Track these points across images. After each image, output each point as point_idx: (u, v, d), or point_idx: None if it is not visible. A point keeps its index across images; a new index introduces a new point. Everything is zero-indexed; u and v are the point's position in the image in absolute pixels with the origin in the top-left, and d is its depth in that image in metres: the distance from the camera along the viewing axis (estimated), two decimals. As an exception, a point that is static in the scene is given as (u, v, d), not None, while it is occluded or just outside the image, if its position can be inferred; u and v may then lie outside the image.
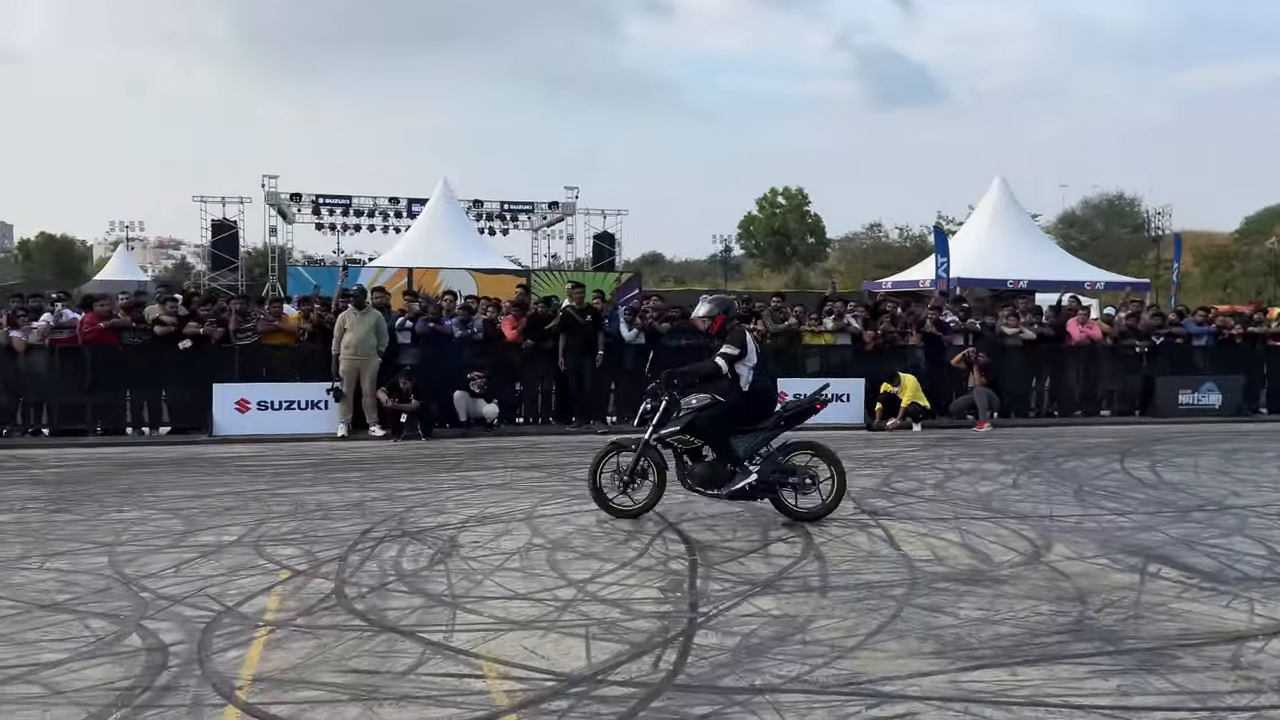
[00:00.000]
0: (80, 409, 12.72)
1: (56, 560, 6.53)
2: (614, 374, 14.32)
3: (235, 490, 9.11)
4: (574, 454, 11.47)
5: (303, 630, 5.14)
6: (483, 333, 13.94)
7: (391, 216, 43.81)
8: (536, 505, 8.44)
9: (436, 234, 31.50)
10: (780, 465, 7.78)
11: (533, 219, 47.27)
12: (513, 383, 14.19)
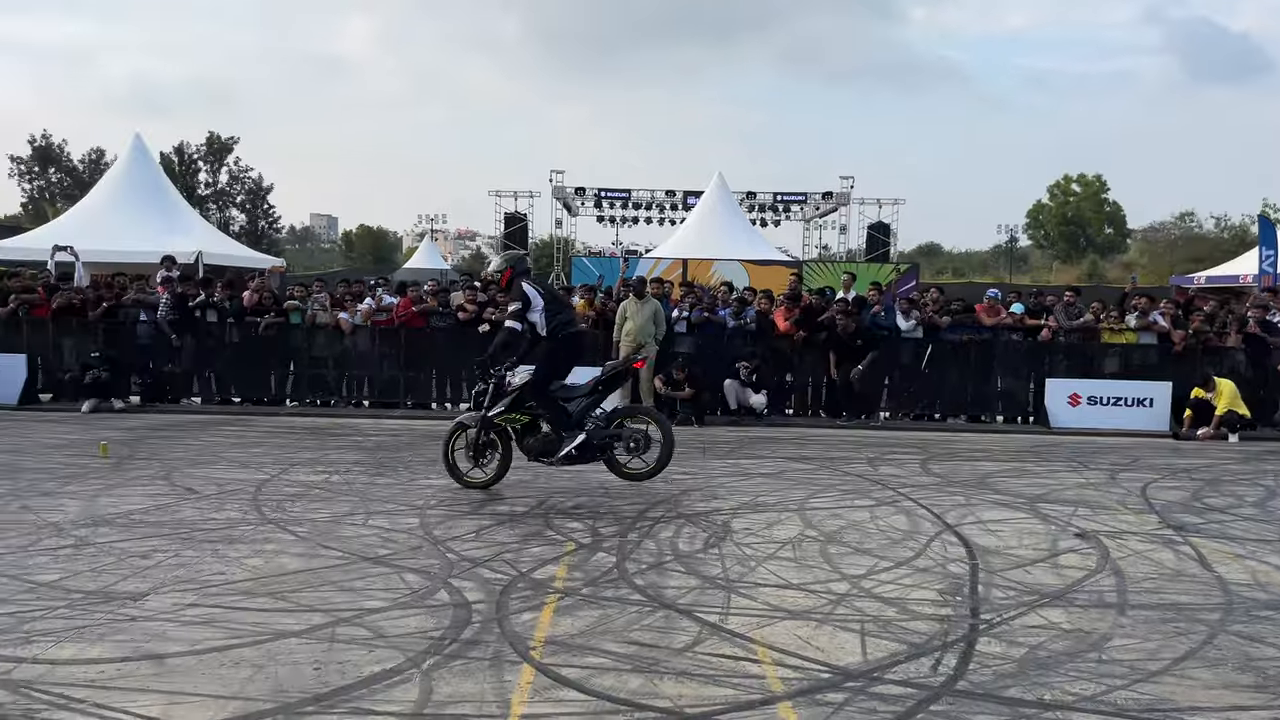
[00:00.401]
0: (395, 384, 14.11)
1: (377, 519, 7.31)
2: (889, 367, 13.96)
3: (525, 464, 9.73)
4: (844, 448, 11.32)
5: (588, 600, 5.44)
6: (755, 323, 14.04)
7: (668, 209, 45.03)
8: (808, 497, 8.42)
9: (710, 226, 32.04)
10: (611, 429, 8.14)
11: (805, 209, 46.92)
12: (783, 373, 14.20)
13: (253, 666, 4.37)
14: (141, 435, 11.16)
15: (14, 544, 6.34)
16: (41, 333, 14.00)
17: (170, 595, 5.34)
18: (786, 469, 9.86)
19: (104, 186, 25.17)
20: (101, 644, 4.60)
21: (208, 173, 72.74)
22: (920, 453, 11.08)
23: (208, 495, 8.01)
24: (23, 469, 8.94)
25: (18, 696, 4.00)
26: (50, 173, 69.93)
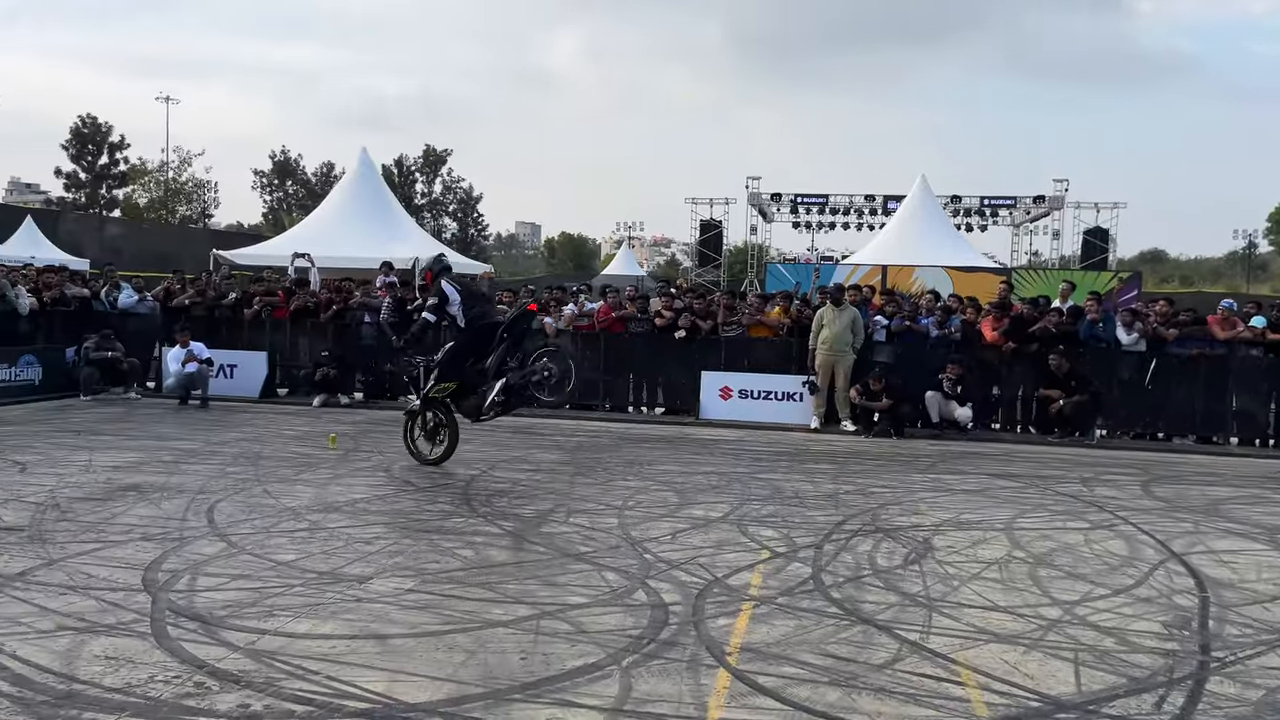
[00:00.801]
0: (594, 386, 14.53)
1: (578, 517, 7.56)
2: (1107, 382, 13.11)
3: (719, 471, 9.82)
4: (1056, 467, 10.73)
5: (784, 609, 5.43)
6: (960, 333, 13.53)
7: (866, 214, 44.09)
8: (1016, 517, 8.04)
9: (912, 231, 31.13)
10: (524, 370, 9.16)
11: (1014, 214, 44.79)
12: (989, 386, 13.61)
13: (465, 652, 4.63)
14: (364, 429, 12.01)
15: (257, 525, 6.98)
16: (280, 332, 15.33)
17: (392, 580, 5.73)
18: (991, 486, 9.46)
19: (334, 198, 27.23)
20: (333, 621, 4.99)
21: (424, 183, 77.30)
22: (1141, 474, 10.35)
23: (423, 488, 8.52)
24: (263, 457, 9.81)
25: (261, 665, 4.40)
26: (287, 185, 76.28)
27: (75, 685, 4.12)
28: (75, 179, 62.39)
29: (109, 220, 55.19)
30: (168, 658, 4.45)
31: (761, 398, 13.65)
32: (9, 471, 8.62)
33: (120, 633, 4.74)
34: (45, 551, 6.10)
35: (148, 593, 5.35)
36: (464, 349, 9.22)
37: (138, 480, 8.40)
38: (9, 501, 7.43)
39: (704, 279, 43.74)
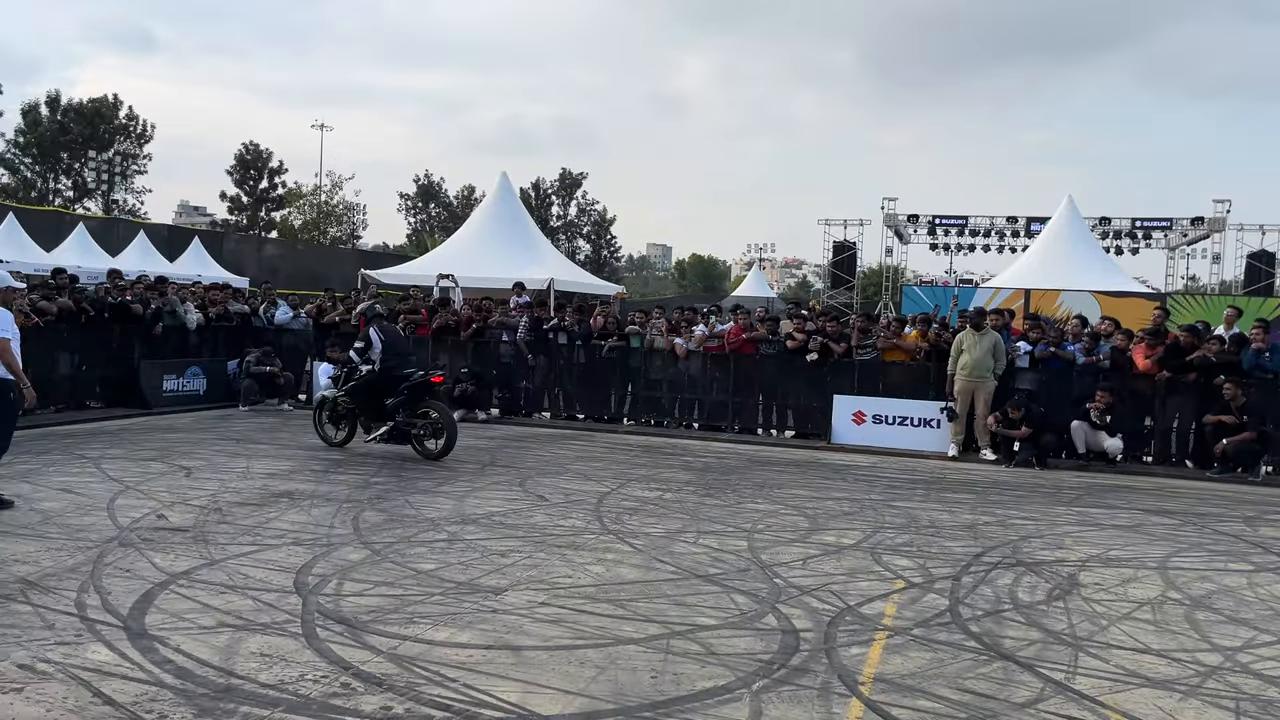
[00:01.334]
0: (724, 408, 14.51)
1: (707, 538, 7.55)
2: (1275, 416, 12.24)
3: (851, 497, 9.65)
4: (1215, 504, 10.10)
5: (919, 641, 5.28)
6: (1110, 360, 12.92)
7: (1008, 236, 42.67)
8: (1171, 555, 7.61)
9: (1057, 253, 29.89)
10: (413, 421, 10.93)
11: (1170, 237, 42.54)
12: (1142, 417, 12.92)
13: (596, 667, 4.68)
14: (500, 444, 12.32)
15: (399, 535, 7.25)
16: (422, 349, 15.88)
17: (525, 593, 5.86)
18: (1144, 522, 8.97)
19: (474, 220, 28.11)
20: (469, 631, 5.14)
21: (559, 206, 78.98)
22: (1313, 515, 9.63)
23: (556, 503, 8.69)
24: (405, 469, 10.19)
25: (402, 670, 4.56)
26: (430, 207, 79.24)
27: (233, 680, 4.36)
28: (238, 202, 66.45)
29: (267, 241, 58.53)
30: (317, 658, 4.66)
31: (896, 423, 13.34)
32: (176, 476, 9.22)
33: (274, 632, 5.00)
34: (207, 552, 6.50)
35: (299, 595, 5.63)
36: (370, 387, 11.06)
37: (290, 487, 8.85)
38: (175, 504, 7.95)
39: (836, 301, 43.15)
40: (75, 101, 58.14)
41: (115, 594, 5.50)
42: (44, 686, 4.20)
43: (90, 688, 4.20)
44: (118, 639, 4.80)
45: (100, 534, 6.85)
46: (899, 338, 13.99)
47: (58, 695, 4.12)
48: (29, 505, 7.65)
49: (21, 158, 56.06)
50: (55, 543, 6.57)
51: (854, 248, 46.77)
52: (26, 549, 6.38)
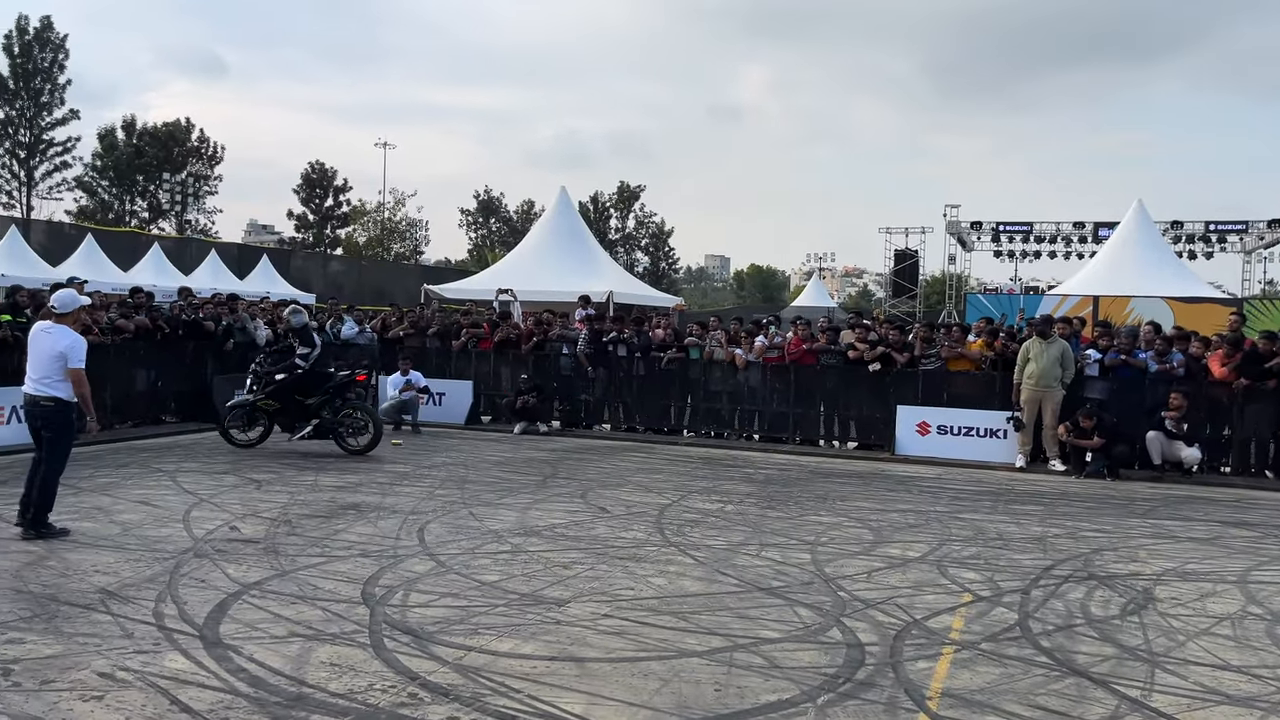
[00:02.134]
0: (784, 419, 14.41)
1: (770, 550, 7.51)
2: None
3: (917, 509, 9.51)
4: (1300, 515, 9.75)
5: (988, 655, 5.18)
6: (1184, 368, 12.56)
7: (1075, 242, 41.80)
8: (1252, 569, 7.36)
9: (1126, 259, 29.24)
10: (337, 418, 11.82)
11: (1245, 240, 41.27)
12: (1220, 426, 12.54)
13: (660, 680, 4.68)
14: (561, 456, 12.40)
15: (464, 546, 7.33)
16: (485, 363, 16.09)
17: (588, 604, 5.88)
18: (1223, 535, 8.70)
19: (534, 234, 28.42)
20: (533, 642, 5.18)
21: (617, 219, 79.22)
22: (1404, 528, 9.24)
23: (617, 515, 8.71)
24: (469, 481, 10.30)
25: (468, 680, 4.61)
26: (491, 223, 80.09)
27: (304, 689, 4.45)
28: (304, 220, 67.85)
29: (333, 258, 59.76)
30: (384, 668, 4.74)
31: (962, 434, 13.13)
32: (247, 489, 9.44)
33: (343, 642, 5.09)
34: (278, 563, 6.64)
35: (366, 606, 5.73)
36: (296, 387, 11.80)
37: (357, 500, 9.01)
38: (247, 516, 8.14)
39: (898, 310, 42.64)
40: (150, 126, 59.99)
41: (191, 604, 5.65)
42: (123, 694, 4.33)
43: (168, 695, 4.32)
44: (194, 648, 4.93)
45: (176, 545, 7.05)
46: (963, 347, 13.77)
47: (136, 703, 4.24)
48: (109, 517, 7.90)
49: (99, 181, 57.98)
50: (134, 554, 6.77)
51: (916, 256, 46.20)
52: (106, 559, 6.59)
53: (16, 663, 4.65)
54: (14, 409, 11.40)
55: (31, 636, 5.03)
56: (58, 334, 7.26)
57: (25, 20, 51.00)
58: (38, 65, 51.17)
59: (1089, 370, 12.91)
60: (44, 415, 7.26)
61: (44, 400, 7.22)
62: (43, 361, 7.22)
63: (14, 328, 11.63)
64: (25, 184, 51.58)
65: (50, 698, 4.26)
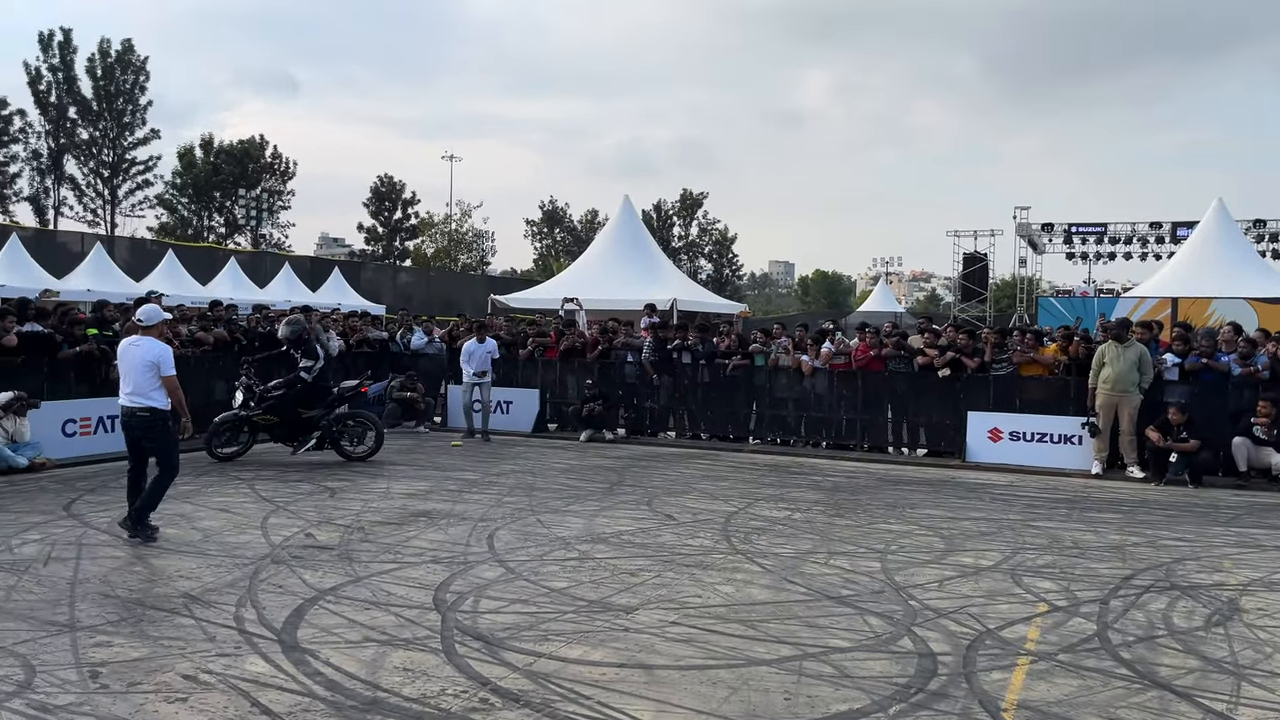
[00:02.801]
0: (852, 425, 14.26)
1: (838, 559, 7.43)
2: None
3: (989, 517, 9.34)
4: (1397, 524, 9.33)
5: (1065, 667, 5.07)
6: (1269, 371, 12.12)
7: (1151, 243, 40.66)
8: (1345, 579, 7.07)
9: (1207, 259, 28.32)
10: (338, 426, 11.94)
11: (1335, 237, 39.69)
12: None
13: (728, 688, 4.67)
14: (627, 464, 12.44)
15: (532, 553, 7.40)
16: (551, 371, 16.23)
17: (656, 612, 5.90)
18: (1312, 543, 8.37)
19: (598, 243, 28.62)
20: (602, 649, 5.20)
21: (680, 226, 79.32)
22: None
23: (684, 523, 8.71)
24: (536, 488, 10.40)
25: (538, 686, 4.66)
26: (555, 232, 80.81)
27: (379, 693, 4.54)
28: (374, 233, 69.28)
29: (401, 269, 60.84)
30: (456, 673, 4.81)
31: (1035, 440, 12.84)
32: (321, 496, 9.66)
33: (415, 647, 5.18)
34: (352, 569, 6.78)
35: (438, 611, 5.82)
36: (299, 398, 11.74)
37: (428, 507, 9.15)
38: (321, 523, 8.33)
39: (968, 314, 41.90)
40: (226, 144, 61.94)
41: (269, 608, 5.80)
42: (206, 696, 4.46)
43: (249, 698, 4.44)
44: (273, 651, 5.06)
45: (255, 551, 7.24)
46: (1037, 351, 13.48)
47: (219, 704, 4.36)
48: (190, 524, 8.15)
49: (179, 198, 59.96)
50: (214, 559, 6.98)
51: (985, 259, 45.39)
52: (189, 565, 6.80)
53: (104, 665, 4.83)
54: (100, 419, 11.86)
55: (119, 639, 5.22)
56: (146, 345, 7.57)
57: (107, 44, 53.05)
58: (120, 87, 53.16)
59: (1168, 375, 12.55)
60: (141, 425, 7.57)
61: (140, 411, 7.53)
62: (135, 373, 7.53)
63: (100, 341, 12.07)
64: (109, 202, 53.58)
65: (136, 699, 4.41)
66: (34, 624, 5.44)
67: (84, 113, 52.25)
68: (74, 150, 52.42)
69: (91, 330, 12.28)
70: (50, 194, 52.40)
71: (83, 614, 5.64)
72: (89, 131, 52.71)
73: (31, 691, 4.45)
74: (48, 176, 52.16)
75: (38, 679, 4.61)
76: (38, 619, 5.53)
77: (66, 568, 6.68)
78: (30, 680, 4.59)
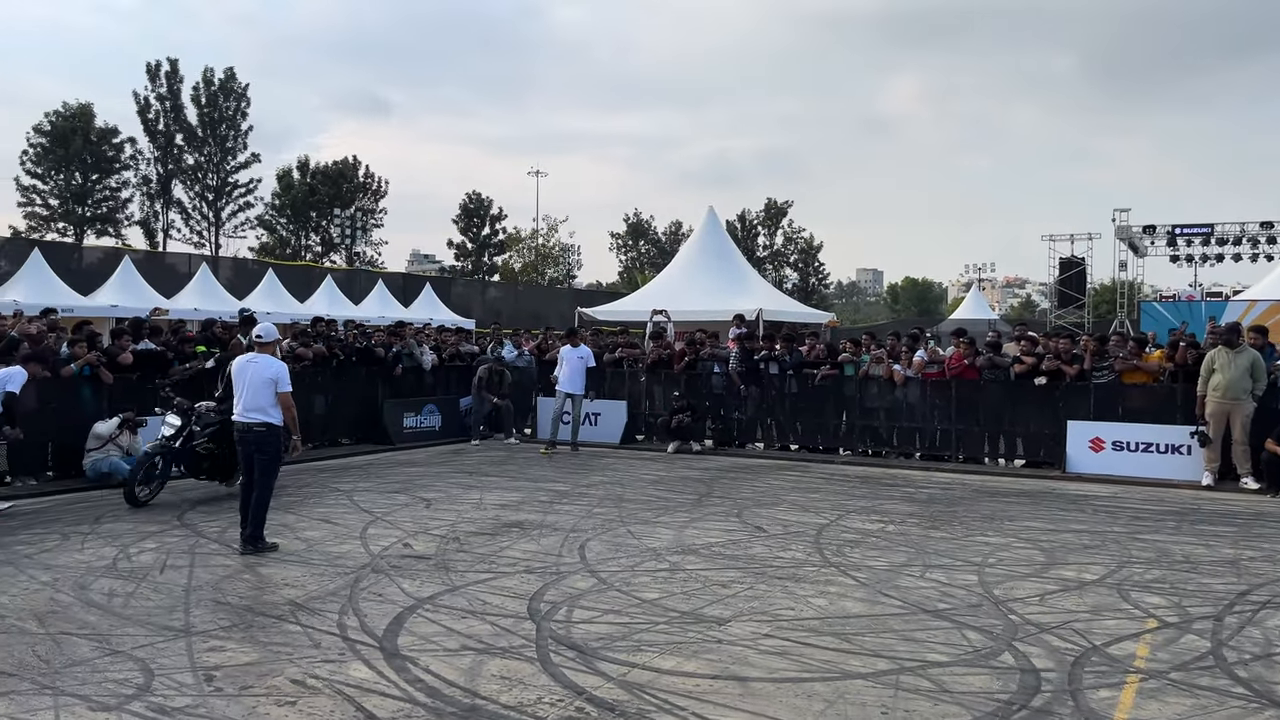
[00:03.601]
0: (946, 436, 13.96)
1: (934, 572, 7.29)
2: None
3: (1092, 529, 9.04)
4: None
5: (1177, 685, 4.88)
6: (1396, 376, 11.47)
7: (1263, 243, 38.83)
8: None
9: (1324, 259, 26.95)
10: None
11: None
12: None
13: (824, 701, 4.62)
14: (715, 475, 12.41)
15: (623, 564, 7.44)
16: (637, 382, 16.31)
17: (748, 624, 5.87)
18: None
19: (683, 254, 28.64)
20: (695, 660, 5.21)
21: (765, 236, 78.93)
22: None
23: (774, 534, 8.65)
24: (625, 500, 10.45)
25: (632, 696, 4.68)
26: (640, 245, 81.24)
27: (477, 700, 4.62)
28: (463, 249, 70.65)
29: (490, 284, 61.89)
30: (552, 682, 4.87)
31: (1140, 450, 12.38)
32: (417, 507, 9.88)
33: (512, 656, 5.26)
34: (449, 579, 6.92)
35: (533, 621, 5.90)
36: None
37: (520, 518, 9.29)
38: (418, 534, 8.52)
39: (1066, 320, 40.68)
40: (321, 165, 63.97)
41: (371, 616, 5.96)
42: (314, 700, 4.60)
43: (353, 703, 4.57)
44: (375, 658, 5.20)
45: (355, 561, 7.45)
46: (1140, 358, 13.01)
47: (325, 709, 4.50)
48: (294, 534, 8.43)
49: (277, 218, 62.14)
50: (318, 568, 7.20)
51: (1083, 263, 43.95)
52: (294, 574, 7.03)
53: (218, 669, 5.02)
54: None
55: (231, 644, 5.43)
56: (264, 362, 7.87)
57: (210, 72, 55.36)
58: (222, 114, 55.40)
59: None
60: (256, 440, 7.84)
61: (256, 426, 7.80)
62: (253, 390, 7.80)
63: (207, 358, 12.58)
64: (214, 224, 55.80)
65: (249, 702, 4.58)
66: (152, 629, 5.69)
67: (189, 139, 54.57)
68: (181, 175, 54.77)
69: (200, 348, 12.79)
70: (159, 217, 54.84)
71: (197, 620, 5.89)
72: (194, 157, 55.02)
73: (150, 694, 4.66)
74: (157, 201, 54.59)
75: (156, 681, 4.82)
76: (155, 624, 5.79)
77: (181, 575, 6.97)
78: (149, 683, 4.80)
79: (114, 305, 25.56)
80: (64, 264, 31.59)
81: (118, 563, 7.32)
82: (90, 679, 4.85)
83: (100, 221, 53.00)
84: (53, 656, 5.18)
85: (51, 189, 51.87)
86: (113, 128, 52.62)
